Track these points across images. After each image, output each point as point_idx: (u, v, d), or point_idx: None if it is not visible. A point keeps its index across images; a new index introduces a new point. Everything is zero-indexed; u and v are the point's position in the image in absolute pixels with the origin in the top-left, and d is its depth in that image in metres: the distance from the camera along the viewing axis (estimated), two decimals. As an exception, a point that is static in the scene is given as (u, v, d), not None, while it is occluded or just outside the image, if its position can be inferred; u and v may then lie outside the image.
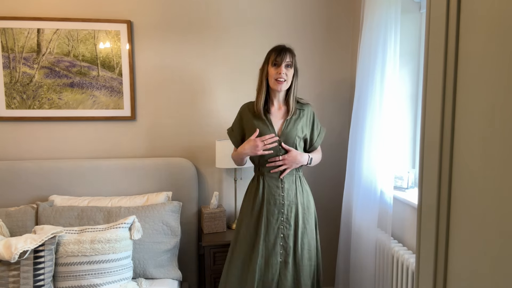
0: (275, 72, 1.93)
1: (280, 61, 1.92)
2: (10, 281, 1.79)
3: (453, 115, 0.70)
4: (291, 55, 1.95)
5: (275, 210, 1.97)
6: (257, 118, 2.01)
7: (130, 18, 2.52)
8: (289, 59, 1.93)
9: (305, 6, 2.69)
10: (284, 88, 1.96)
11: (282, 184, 1.99)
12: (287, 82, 1.96)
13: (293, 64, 1.96)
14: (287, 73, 1.94)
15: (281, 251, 1.96)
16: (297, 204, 1.99)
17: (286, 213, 1.97)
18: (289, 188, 1.99)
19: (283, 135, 1.98)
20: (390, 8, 1.98)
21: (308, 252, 1.99)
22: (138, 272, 2.16)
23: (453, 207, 0.71)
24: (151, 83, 2.59)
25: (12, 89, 2.44)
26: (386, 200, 2.05)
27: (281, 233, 1.97)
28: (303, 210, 2.00)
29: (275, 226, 1.97)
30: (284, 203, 1.97)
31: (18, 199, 2.37)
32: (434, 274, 0.76)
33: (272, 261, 1.95)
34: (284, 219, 1.97)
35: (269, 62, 1.96)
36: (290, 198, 1.98)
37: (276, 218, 1.97)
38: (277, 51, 1.94)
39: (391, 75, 2.01)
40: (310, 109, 2.09)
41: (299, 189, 2.01)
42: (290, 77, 1.96)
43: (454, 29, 0.70)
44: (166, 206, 2.30)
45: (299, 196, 2.01)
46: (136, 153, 2.62)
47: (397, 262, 1.93)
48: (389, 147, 2.03)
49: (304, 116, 2.04)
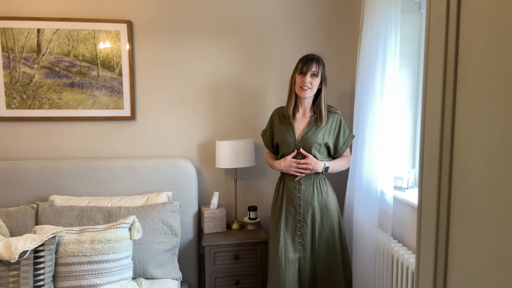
0: (300, 80, 2.06)
1: (306, 70, 2.05)
2: (10, 281, 1.79)
3: (453, 115, 0.70)
4: (317, 64, 2.06)
5: (292, 209, 2.13)
6: (282, 122, 2.17)
7: (130, 18, 2.52)
8: (315, 69, 2.05)
9: (305, 6, 2.68)
10: (307, 95, 2.08)
11: (299, 186, 2.12)
12: (312, 90, 2.07)
13: (320, 73, 2.08)
14: (312, 82, 2.05)
15: (299, 247, 2.12)
16: (314, 205, 2.11)
17: (303, 213, 2.11)
18: (305, 190, 2.11)
19: (302, 141, 2.10)
20: (390, 8, 1.98)
21: (326, 250, 2.11)
22: (138, 272, 2.16)
23: (453, 207, 0.71)
24: (151, 83, 2.59)
25: (12, 89, 2.44)
26: (386, 200, 2.05)
27: (299, 231, 2.12)
28: (320, 210, 2.12)
29: (293, 224, 2.13)
30: (301, 203, 2.11)
31: (18, 199, 2.37)
32: (434, 274, 0.76)
33: (291, 256, 2.10)
34: (301, 218, 2.12)
35: (297, 71, 2.10)
36: (306, 199, 2.11)
37: (293, 217, 2.13)
38: (304, 61, 2.07)
39: (391, 75, 2.01)
40: (337, 117, 2.17)
41: (317, 191, 2.12)
42: (315, 86, 2.08)
43: (454, 29, 0.70)
44: (166, 206, 2.30)
45: (317, 197, 2.11)
46: (136, 153, 2.62)
47: (397, 262, 1.93)
48: (389, 147, 2.03)
49: (328, 124, 2.13)
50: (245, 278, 2.47)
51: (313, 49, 2.72)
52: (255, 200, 2.76)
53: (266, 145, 2.32)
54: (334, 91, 2.79)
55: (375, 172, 2.12)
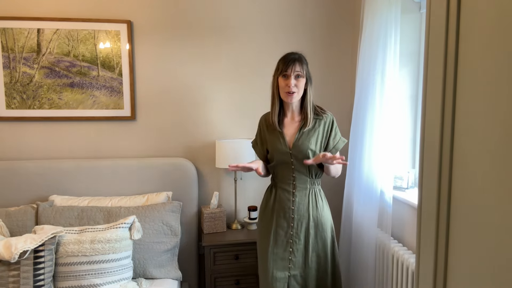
0: (284, 84, 1.84)
1: (289, 72, 1.82)
2: (10, 281, 1.79)
3: (453, 115, 0.70)
4: (300, 64, 1.84)
5: (285, 223, 1.91)
6: (270, 130, 1.96)
7: (130, 18, 2.52)
8: (299, 69, 1.83)
9: (304, 6, 2.68)
10: (295, 100, 1.87)
11: (293, 197, 1.91)
12: (298, 93, 1.86)
13: (305, 73, 1.86)
14: (297, 84, 1.84)
15: (289, 265, 1.91)
16: (309, 219, 1.90)
17: (296, 227, 1.90)
18: (300, 202, 1.91)
19: (295, 148, 1.89)
20: (390, 8, 1.98)
21: (317, 270, 1.93)
22: (138, 272, 2.16)
23: (453, 207, 0.71)
24: (151, 83, 2.59)
25: (12, 89, 2.44)
26: (386, 200, 2.05)
27: (290, 247, 1.91)
28: (315, 225, 1.91)
29: (284, 239, 1.91)
30: (294, 217, 1.90)
31: (18, 199, 2.37)
32: (434, 274, 0.76)
33: (280, 275, 1.90)
34: (294, 233, 1.91)
35: (278, 73, 1.87)
36: (301, 212, 1.90)
37: (285, 232, 1.91)
38: (286, 62, 1.84)
39: (391, 75, 2.01)
40: (330, 119, 1.96)
41: (312, 203, 1.92)
42: (301, 88, 1.86)
43: (454, 29, 0.70)
44: (166, 206, 2.30)
45: (312, 210, 1.91)
46: (136, 153, 2.62)
47: (397, 262, 1.93)
48: (389, 147, 2.03)
49: (320, 126, 1.93)
50: (245, 278, 2.47)
51: (313, 49, 2.72)
52: (255, 200, 2.75)
53: (260, 156, 2.06)
54: (334, 91, 2.79)
55: (375, 172, 2.12)
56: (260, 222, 2.04)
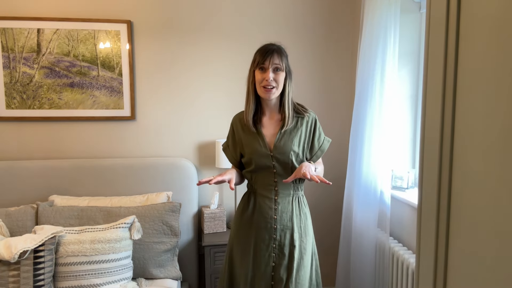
0: (261, 77, 1.62)
1: (267, 64, 1.61)
2: (10, 281, 1.79)
3: (453, 115, 0.70)
4: (279, 56, 1.63)
5: (266, 235, 1.68)
6: (247, 130, 1.73)
7: (130, 18, 2.52)
8: (278, 61, 1.62)
9: (304, 6, 2.69)
10: (274, 96, 1.65)
11: (275, 205, 1.68)
12: (277, 89, 1.64)
13: (284, 66, 1.65)
14: (276, 78, 1.62)
15: (272, 282, 1.69)
16: (293, 229, 1.69)
17: (279, 239, 1.68)
18: (283, 210, 1.69)
19: (276, 150, 1.68)
20: (390, 8, 1.99)
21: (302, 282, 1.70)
22: (138, 272, 2.16)
23: (453, 207, 0.71)
24: (151, 83, 2.59)
25: (12, 89, 2.44)
26: (386, 200, 2.05)
27: (273, 261, 1.69)
28: (300, 236, 1.70)
29: (266, 253, 1.69)
30: (277, 227, 1.68)
31: (18, 199, 2.37)
32: (434, 274, 0.76)
33: None
34: (276, 246, 1.68)
35: (255, 65, 1.66)
36: (284, 221, 1.68)
37: (267, 245, 1.68)
38: (263, 53, 1.63)
39: (391, 75, 2.01)
40: (312, 118, 1.76)
41: (296, 211, 1.71)
42: (280, 82, 1.64)
43: (454, 29, 0.70)
44: (166, 206, 2.30)
45: (295, 219, 1.70)
46: (136, 153, 2.62)
47: (397, 262, 1.93)
48: (389, 147, 2.04)
49: (302, 125, 1.73)
50: (245, 278, 2.47)
51: (313, 49, 2.72)
52: (255, 200, 2.75)
53: (232, 161, 1.83)
54: (334, 91, 2.79)
55: (375, 172, 2.12)
56: (235, 237, 1.76)
